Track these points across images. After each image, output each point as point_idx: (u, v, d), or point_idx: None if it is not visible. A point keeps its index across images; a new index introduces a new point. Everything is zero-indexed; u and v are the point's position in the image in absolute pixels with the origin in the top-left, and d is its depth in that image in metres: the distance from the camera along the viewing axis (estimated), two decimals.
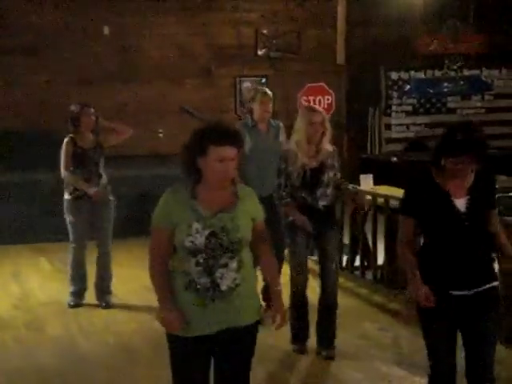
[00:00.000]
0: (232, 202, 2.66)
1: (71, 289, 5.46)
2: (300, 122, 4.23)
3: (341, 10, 9.28)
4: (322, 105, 8.90)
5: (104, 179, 5.44)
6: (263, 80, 9.29)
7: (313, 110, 4.29)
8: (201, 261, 2.60)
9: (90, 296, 5.52)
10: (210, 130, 2.62)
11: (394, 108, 9.72)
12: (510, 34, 9.58)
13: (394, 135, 9.68)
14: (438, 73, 9.77)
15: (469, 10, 8.86)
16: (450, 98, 9.85)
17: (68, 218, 5.36)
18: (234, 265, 2.63)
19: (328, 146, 4.24)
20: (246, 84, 9.23)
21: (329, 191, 4.22)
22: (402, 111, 9.74)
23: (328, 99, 9.12)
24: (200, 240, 2.59)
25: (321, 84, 8.45)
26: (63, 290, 5.62)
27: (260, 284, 3.21)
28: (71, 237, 5.38)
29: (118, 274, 6.46)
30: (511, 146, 9.79)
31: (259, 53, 9.20)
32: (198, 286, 2.61)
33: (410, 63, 9.50)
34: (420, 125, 9.78)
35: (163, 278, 2.67)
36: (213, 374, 2.76)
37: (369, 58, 9.27)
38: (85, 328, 5.04)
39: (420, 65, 9.62)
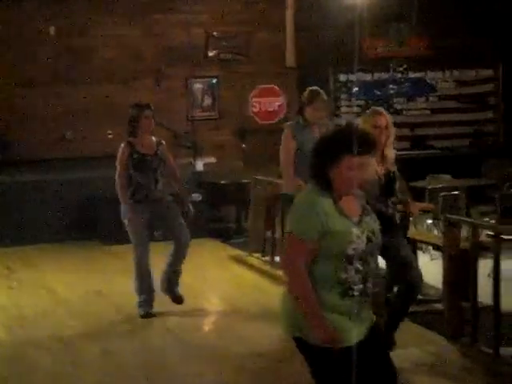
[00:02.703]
0: (363, 205, 2.60)
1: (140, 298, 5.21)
2: (363, 125, 3.95)
3: (289, 13, 9.39)
4: (274, 106, 9.01)
5: (161, 184, 5.21)
6: (214, 81, 9.33)
7: (378, 112, 4.03)
8: (360, 268, 2.49)
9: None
10: (345, 138, 2.48)
11: (343, 109, 9.91)
12: (453, 37, 9.88)
13: None
14: (384, 75, 10.00)
15: (412, 14, 9.07)
16: (396, 100, 10.09)
17: (129, 221, 5.11)
18: (374, 266, 2.60)
19: (391, 152, 4.05)
20: (197, 85, 9.25)
21: (398, 199, 4.10)
22: (350, 112, 9.94)
23: (279, 101, 9.22)
24: (362, 246, 2.49)
25: (272, 86, 8.55)
26: None
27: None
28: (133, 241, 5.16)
29: (66, 279, 6.42)
30: (455, 146, 10.10)
31: (210, 54, 9.23)
32: (355, 293, 2.50)
33: (357, 66, 9.69)
34: None
35: (312, 292, 2.47)
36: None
37: (318, 61, 9.41)
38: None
39: (367, 67, 9.83)
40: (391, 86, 10.05)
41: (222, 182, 8.33)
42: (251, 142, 9.20)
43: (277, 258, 6.49)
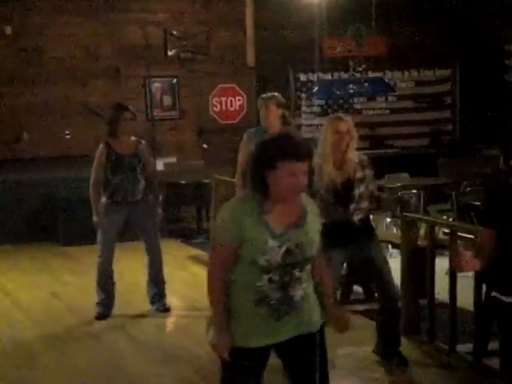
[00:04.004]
0: (301, 215, 2.52)
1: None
2: (324, 132, 3.92)
3: (249, 13, 9.40)
4: (234, 106, 9.00)
5: (142, 184, 5.13)
6: (174, 80, 9.27)
7: (339, 118, 3.96)
8: (276, 278, 2.47)
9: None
10: (282, 144, 2.46)
11: (303, 109, 9.96)
12: (411, 37, 10.02)
13: (304, 135, 9.90)
14: (344, 75, 10.08)
15: (371, 15, 9.17)
16: (355, 99, 10.19)
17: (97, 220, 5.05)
18: (304, 276, 2.54)
19: (354, 156, 3.95)
20: (157, 85, 9.18)
21: (363, 204, 3.94)
22: (311, 112, 9.99)
23: (239, 100, 9.22)
24: (276, 258, 2.45)
25: (232, 85, 8.53)
26: None
27: None
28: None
29: (22, 281, 6.30)
30: (413, 145, 10.24)
31: (169, 53, 9.16)
32: (272, 302, 2.49)
33: (317, 65, 9.74)
34: None
35: (223, 296, 2.51)
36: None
37: (278, 60, 9.43)
38: None
39: (327, 67, 9.89)
40: (351, 85, 10.14)
41: (183, 181, 8.28)
42: (212, 142, 9.18)
43: None
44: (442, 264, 4.64)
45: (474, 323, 4.13)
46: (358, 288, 5.50)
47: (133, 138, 5.20)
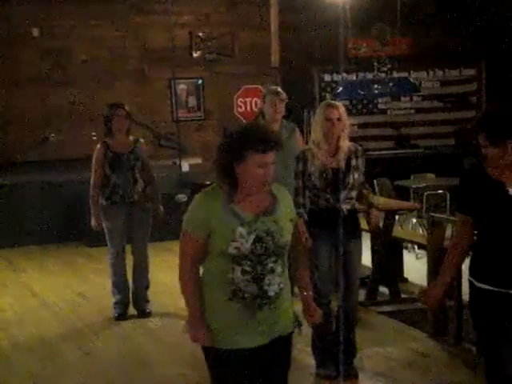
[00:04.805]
0: (271, 204, 2.52)
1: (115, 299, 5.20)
2: (317, 118, 3.86)
3: (273, 13, 9.40)
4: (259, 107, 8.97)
5: (140, 184, 5.13)
6: (199, 82, 9.31)
7: (329, 105, 3.86)
8: (247, 269, 2.43)
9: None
10: (249, 136, 2.46)
11: None
12: (436, 36, 9.94)
13: None
14: (368, 75, 10.03)
15: (396, 15, 9.12)
16: (380, 100, 10.13)
17: (104, 223, 5.07)
18: (279, 269, 2.49)
19: (348, 144, 3.86)
20: (182, 86, 9.24)
21: (354, 194, 3.85)
22: None
23: None
24: (246, 246, 2.42)
25: (257, 86, 8.54)
26: None
27: None
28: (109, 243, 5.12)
29: (49, 281, 6.38)
30: (438, 145, 10.16)
31: (194, 55, 9.21)
32: (246, 295, 2.45)
33: (341, 66, 9.72)
34: (353, 125, 10.02)
35: (197, 289, 2.49)
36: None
37: (302, 61, 9.43)
38: None
39: (351, 67, 9.86)
40: (375, 85, 10.08)
41: (208, 182, 8.31)
42: None
43: None
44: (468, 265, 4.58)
45: None
46: (383, 289, 5.48)
47: (131, 137, 5.15)
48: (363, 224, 5.17)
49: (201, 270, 2.57)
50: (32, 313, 5.49)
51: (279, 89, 5.01)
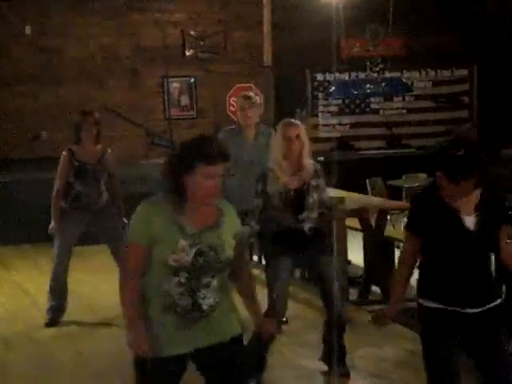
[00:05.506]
0: (217, 218, 2.52)
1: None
2: (276, 138, 3.88)
3: (266, 12, 9.41)
4: None
5: (105, 194, 5.03)
6: (192, 80, 9.30)
7: (288, 123, 3.86)
8: (183, 281, 2.45)
9: None
10: (198, 147, 2.47)
11: (320, 109, 9.95)
12: (428, 37, 9.97)
13: (321, 135, 9.90)
14: (361, 74, 10.06)
15: (388, 15, 9.15)
16: (372, 99, 10.15)
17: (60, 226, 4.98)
18: (215, 284, 2.50)
19: (308, 163, 3.85)
20: (174, 84, 9.22)
21: (314, 214, 3.84)
22: (327, 112, 9.98)
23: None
24: (186, 259, 2.43)
25: (250, 85, 8.55)
26: None
27: None
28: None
29: (41, 280, 6.35)
30: (430, 145, 10.18)
31: (187, 53, 9.20)
32: (178, 309, 2.47)
33: (334, 65, 9.74)
34: (345, 125, 10.04)
35: (136, 297, 2.50)
36: None
37: (295, 60, 9.43)
38: None
39: (344, 67, 9.87)
40: (368, 85, 10.11)
41: None
42: None
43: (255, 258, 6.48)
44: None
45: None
46: (376, 288, 5.49)
47: (99, 146, 5.04)
48: (354, 224, 5.19)
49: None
50: (24, 312, 5.47)
51: (251, 93, 4.97)
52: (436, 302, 2.76)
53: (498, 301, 2.82)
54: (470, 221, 2.70)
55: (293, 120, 3.96)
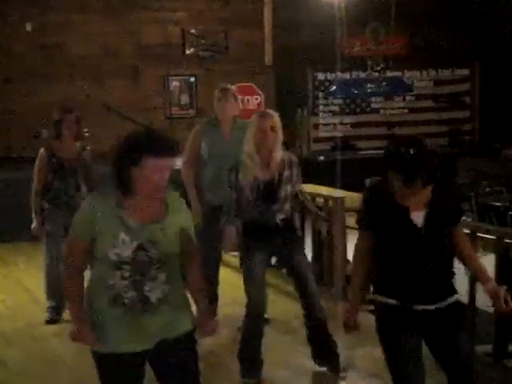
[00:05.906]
0: (161, 212, 2.49)
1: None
2: (250, 129, 3.80)
3: (267, 11, 9.41)
4: (252, 105, 9.00)
5: (84, 190, 4.95)
6: (192, 79, 9.30)
7: (263, 114, 3.82)
8: (126, 274, 2.44)
9: None
10: (146, 140, 2.44)
11: (321, 108, 9.95)
12: (430, 37, 9.97)
13: (322, 134, 9.91)
14: (362, 74, 10.06)
15: (390, 14, 9.15)
16: (373, 99, 10.16)
17: (45, 226, 4.97)
18: (162, 277, 2.48)
19: (281, 154, 3.79)
20: (175, 83, 9.22)
21: (287, 206, 3.82)
22: (328, 111, 9.98)
23: (257, 99, 9.22)
24: (127, 253, 2.42)
25: (250, 84, 8.54)
26: None
27: None
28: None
29: (40, 277, 6.35)
30: (431, 144, 10.18)
31: (187, 52, 9.20)
32: (126, 301, 2.46)
33: (335, 64, 9.74)
34: (346, 124, 10.04)
35: (79, 290, 2.52)
36: None
37: (296, 59, 9.43)
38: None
39: (345, 66, 9.87)
40: (369, 84, 10.11)
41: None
42: None
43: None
44: (460, 264, 4.60)
45: (494, 324, 4.10)
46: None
47: (78, 143, 5.01)
48: (354, 224, 5.14)
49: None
50: (24, 308, 5.47)
51: (229, 86, 4.83)
52: (391, 299, 2.77)
53: (455, 298, 2.80)
54: (418, 217, 2.70)
55: (268, 110, 3.92)
